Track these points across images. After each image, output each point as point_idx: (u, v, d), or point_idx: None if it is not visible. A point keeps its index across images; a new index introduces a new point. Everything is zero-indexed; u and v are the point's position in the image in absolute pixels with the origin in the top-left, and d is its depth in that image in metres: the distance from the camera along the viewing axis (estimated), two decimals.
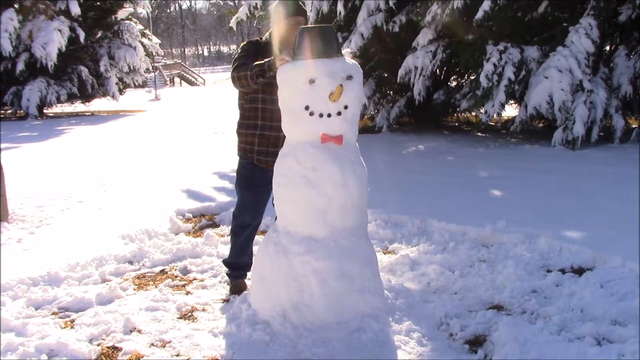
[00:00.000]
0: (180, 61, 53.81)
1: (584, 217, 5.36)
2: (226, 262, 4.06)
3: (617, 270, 3.96)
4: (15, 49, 17.98)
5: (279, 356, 3.03)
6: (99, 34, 21.82)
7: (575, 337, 3.12)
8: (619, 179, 7.08)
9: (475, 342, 3.17)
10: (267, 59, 3.41)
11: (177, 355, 3.11)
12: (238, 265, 3.98)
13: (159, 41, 31.77)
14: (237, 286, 3.95)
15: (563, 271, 4.11)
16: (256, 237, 4.96)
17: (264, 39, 3.75)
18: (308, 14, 11.40)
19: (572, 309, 3.45)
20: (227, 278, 4.09)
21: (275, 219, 3.53)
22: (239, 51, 3.69)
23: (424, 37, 11.06)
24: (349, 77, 3.22)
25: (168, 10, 75.96)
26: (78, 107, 22.09)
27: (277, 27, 3.64)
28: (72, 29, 18.88)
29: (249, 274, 3.85)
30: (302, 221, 3.31)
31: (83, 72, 19.91)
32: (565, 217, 5.38)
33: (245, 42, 3.78)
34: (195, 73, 49.45)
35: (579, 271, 4.09)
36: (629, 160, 8.21)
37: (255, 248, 4.62)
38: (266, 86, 3.52)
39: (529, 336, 3.10)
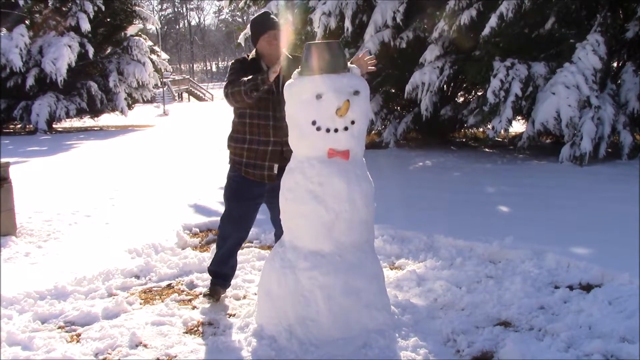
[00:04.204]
0: (188, 77, 54.21)
1: (592, 234, 5.32)
2: (209, 270, 4.13)
3: (626, 287, 3.92)
4: (26, 64, 18.24)
5: None
6: (109, 50, 22.05)
7: (584, 354, 3.09)
8: (626, 195, 7.04)
9: (482, 359, 3.15)
10: (260, 73, 3.48)
11: None
12: (219, 274, 4.05)
13: (167, 57, 32.11)
14: (213, 291, 4.00)
15: (571, 288, 4.08)
16: (262, 252, 5.00)
17: (250, 56, 3.83)
18: (315, 29, 11.54)
19: (580, 326, 3.42)
20: (232, 292, 4.13)
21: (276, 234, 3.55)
22: (229, 70, 3.78)
23: (431, 53, 11.10)
24: (356, 93, 3.24)
25: (177, 27, 76.70)
26: (87, 122, 22.25)
27: (257, 45, 3.77)
28: (81, 45, 19.10)
29: (245, 286, 3.85)
30: (309, 236, 3.31)
31: (92, 87, 20.09)
32: (573, 233, 5.34)
33: (233, 61, 3.87)
34: (203, 88, 49.81)
35: (587, 288, 4.06)
36: (637, 176, 8.16)
37: (260, 263, 4.66)
38: (255, 102, 3.58)
39: (537, 353, 3.07)
